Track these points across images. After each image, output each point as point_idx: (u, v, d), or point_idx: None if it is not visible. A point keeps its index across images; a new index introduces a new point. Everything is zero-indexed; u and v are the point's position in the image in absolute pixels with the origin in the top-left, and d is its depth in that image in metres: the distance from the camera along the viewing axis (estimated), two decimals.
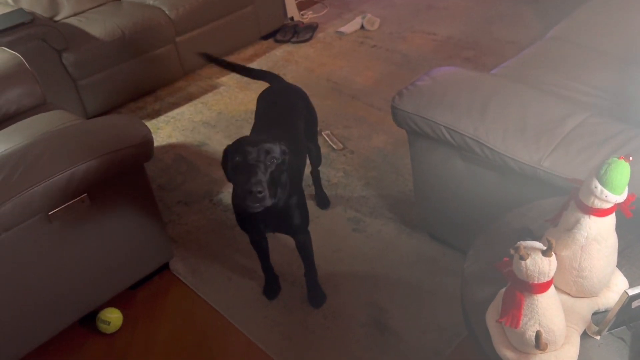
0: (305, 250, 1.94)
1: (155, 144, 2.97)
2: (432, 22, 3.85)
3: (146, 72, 3.30)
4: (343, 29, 3.87)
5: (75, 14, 3.31)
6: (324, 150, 2.76)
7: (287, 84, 2.21)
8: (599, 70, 2.09)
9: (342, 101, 3.13)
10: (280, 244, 2.24)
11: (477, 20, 3.79)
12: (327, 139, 2.83)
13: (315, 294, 2.02)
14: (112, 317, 2.02)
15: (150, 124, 3.15)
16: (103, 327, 2.01)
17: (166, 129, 3.11)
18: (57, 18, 3.26)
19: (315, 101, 3.14)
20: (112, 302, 2.05)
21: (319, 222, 2.35)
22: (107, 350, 1.98)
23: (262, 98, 2.12)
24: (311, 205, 2.42)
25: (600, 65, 2.11)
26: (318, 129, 2.88)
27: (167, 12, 3.31)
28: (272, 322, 1.98)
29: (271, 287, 2.08)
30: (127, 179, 1.88)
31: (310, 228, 2.00)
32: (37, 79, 2.42)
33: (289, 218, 1.77)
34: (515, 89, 1.79)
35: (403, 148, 2.68)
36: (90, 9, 3.38)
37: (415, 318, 1.92)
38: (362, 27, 3.89)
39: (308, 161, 2.27)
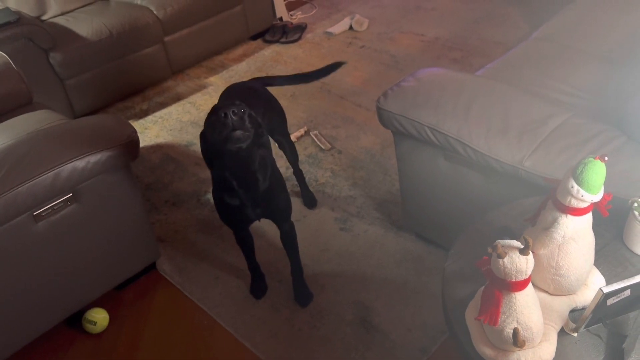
0: (290, 241, 1.95)
1: (143, 144, 2.97)
2: (420, 23, 3.87)
3: (134, 72, 3.29)
4: (332, 29, 3.88)
5: (62, 14, 3.30)
6: (311, 150, 2.77)
7: (243, 83, 2.19)
8: (582, 71, 2.11)
9: (331, 101, 3.15)
10: (266, 242, 2.25)
11: (465, 21, 3.81)
12: (315, 138, 2.84)
13: (302, 293, 2.03)
14: (99, 317, 2.02)
15: (138, 124, 3.15)
16: (89, 327, 2.01)
17: (154, 129, 3.11)
18: (44, 17, 3.25)
19: (303, 101, 3.17)
20: (98, 302, 2.06)
21: (306, 222, 2.36)
22: (93, 350, 1.98)
23: (221, 97, 2.12)
24: (298, 204, 2.43)
25: (584, 66, 2.14)
26: (306, 128, 2.91)
27: (155, 12, 3.31)
28: (259, 321, 1.99)
29: (258, 286, 2.09)
30: (113, 179, 1.88)
31: (297, 227, 2.02)
32: (23, 79, 2.41)
33: (275, 200, 1.78)
34: (498, 90, 1.81)
35: (390, 148, 2.69)
36: (78, 8, 3.36)
37: (401, 316, 1.94)
38: (350, 27, 3.90)
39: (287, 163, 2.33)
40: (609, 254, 1.29)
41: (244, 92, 2.08)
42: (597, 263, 1.22)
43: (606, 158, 1.05)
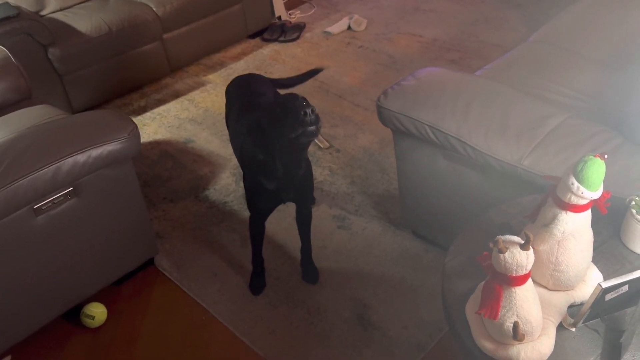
0: (308, 222, 2.05)
1: (141, 140, 2.93)
2: (418, 24, 3.89)
3: (132, 69, 3.29)
4: (330, 29, 3.90)
5: (61, 9, 3.29)
6: (310, 148, 2.77)
7: (248, 74, 2.32)
8: (579, 73, 2.14)
9: (329, 100, 3.16)
10: (266, 240, 2.25)
11: (463, 22, 3.83)
12: None
13: (310, 271, 2.10)
14: (97, 312, 2.02)
15: (136, 121, 3.15)
16: (87, 322, 2.01)
17: (152, 126, 3.11)
18: (43, 13, 3.24)
19: None
20: (96, 297, 2.05)
21: None
22: (91, 344, 1.98)
23: (230, 88, 2.25)
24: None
25: (581, 69, 2.16)
26: None
27: (154, 9, 3.31)
28: (256, 318, 2.00)
29: (257, 282, 2.10)
30: (113, 174, 1.89)
31: (295, 225, 2.04)
32: (22, 73, 2.41)
33: (307, 184, 1.91)
34: (497, 90, 1.83)
35: (388, 147, 2.71)
36: (77, 4, 3.36)
37: (398, 313, 1.95)
38: (349, 27, 3.91)
39: None
40: (607, 251, 1.31)
41: (255, 82, 2.21)
42: (595, 260, 1.24)
43: (606, 156, 1.07)
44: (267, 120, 1.67)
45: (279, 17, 4.10)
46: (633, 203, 1.28)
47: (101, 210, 1.91)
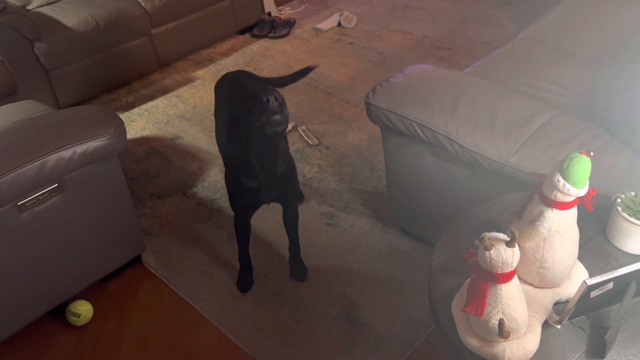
0: (294, 220, 2.03)
1: (129, 136, 2.94)
2: (408, 21, 3.89)
3: (120, 64, 3.26)
4: (320, 25, 3.88)
5: (48, 4, 3.25)
6: (299, 145, 2.78)
7: (237, 71, 2.29)
8: (566, 70, 2.14)
9: (318, 97, 3.15)
10: (253, 237, 2.24)
11: (453, 20, 3.84)
12: (303, 134, 2.84)
13: (299, 268, 2.09)
14: (82, 310, 2.00)
15: (124, 117, 3.12)
16: (73, 320, 1.99)
17: (140, 122, 3.09)
18: (30, 7, 3.19)
19: (291, 97, 3.17)
20: (82, 295, 2.04)
21: None
22: (77, 342, 1.96)
23: (219, 85, 2.21)
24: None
25: (569, 66, 2.17)
26: (294, 124, 2.91)
27: (142, 4, 3.28)
28: (244, 315, 1.99)
29: (245, 280, 2.09)
30: (99, 170, 1.87)
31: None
32: (8, 68, 2.38)
33: (289, 184, 1.88)
34: (486, 87, 1.83)
35: (378, 145, 2.70)
36: None
37: (386, 311, 1.95)
38: (339, 24, 3.90)
39: None
40: (592, 248, 1.31)
41: (243, 78, 2.17)
42: (580, 257, 1.24)
43: (592, 153, 1.08)
44: (239, 113, 1.65)
45: (269, 13, 4.08)
46: (619, 200, 1.29)
47: (87, 207, 1.89)
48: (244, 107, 1.62)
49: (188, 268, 2.19)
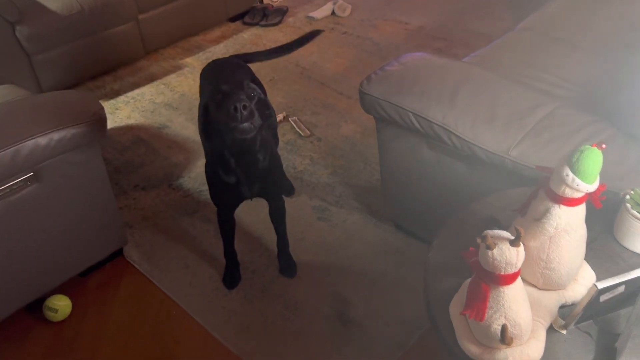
0: (281, 216, 1.95)
1: (113, 124, 2.85)
2: (404, 11, 3.81)
3: (106, 50, 3.16)
4: (314, 14, 3.79)
5: None
6: (290, 136, 2.69)
7: (225, 58, 2.19)
8: (567, 61, 2.07)
9: (311, 87, 3.06)
10: (242, 231, 2.16)
11: (450, 11, 3.76)
12: (294, 125, 2.75)
13: (288, 264, 2.02)
14: (60, 305, 1.92)
15: (109, 104, 3.02)
16: (50, 315, 1.91)
17: (125, 110, 2.98)
18: None
19: (283, 86, 3.08)
20: (60, 289, 1.95)
21: None
22: (54, 338, 1.88)
23: (205, 72, 2.10)
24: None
25: (569, 58, 2.10)
26: (285, 114, 2.83)
27: None
28: (230, 313, 1.91)
29: (231, 276, 2.00)
30: (78, 158, 1.78)
31: None
32: None
33: (273, 178, 1.78)
34: (485, 78, 1.75)
35: (372, 137, 2.62)
36: None
37: (379, 310, 1.88)
38: (333, 13, 3.82)
39: None
40: (598, 248, 1.24)
41: (231, 68, 2.05)
42: (587, 257, 1.17)
43: (604, 145, 1.00)
44: (212, 105, 1.56)
45: (261, 1, 3.99)
46: (628, 197, 1.21)
47: (65, 197, 1.80)
48: (217, 102, 1.53)
49: (172, 262, 2.10)
